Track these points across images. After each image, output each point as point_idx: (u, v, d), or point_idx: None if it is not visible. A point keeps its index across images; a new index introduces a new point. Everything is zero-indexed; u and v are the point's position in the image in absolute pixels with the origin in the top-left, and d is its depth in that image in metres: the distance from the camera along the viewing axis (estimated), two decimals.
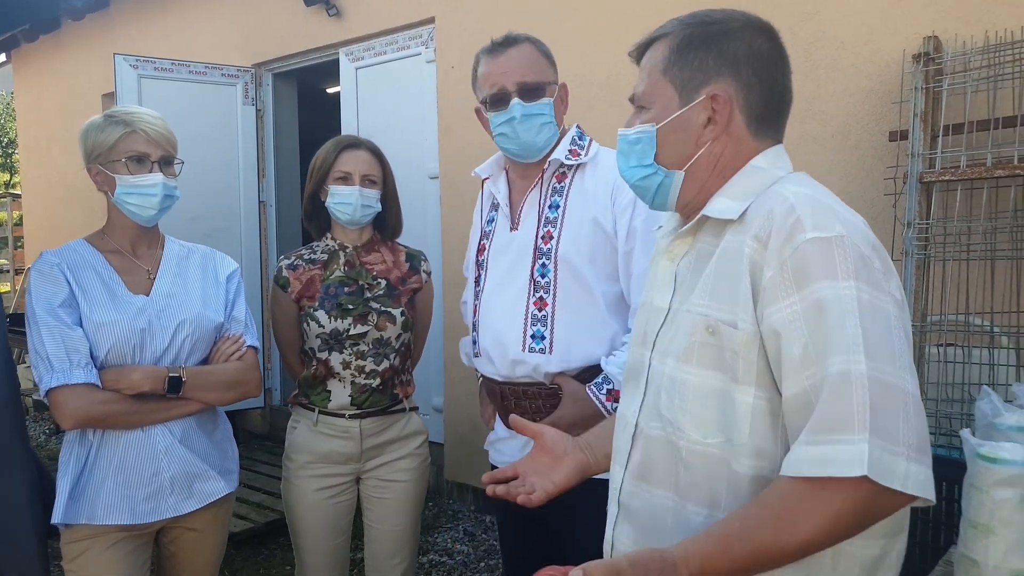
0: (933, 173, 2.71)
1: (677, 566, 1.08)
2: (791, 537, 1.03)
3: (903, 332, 1.07)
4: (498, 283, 2.12)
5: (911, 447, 1.00)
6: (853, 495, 1.00)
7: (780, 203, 1.13)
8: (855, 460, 0.98)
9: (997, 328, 2.65)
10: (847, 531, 1.04)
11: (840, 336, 1.03)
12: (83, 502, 1.97)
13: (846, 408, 1.00)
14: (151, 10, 6.50)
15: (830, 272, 1.06)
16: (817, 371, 1.04)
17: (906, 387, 1.03)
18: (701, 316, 1.19)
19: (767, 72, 1.25)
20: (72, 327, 1.93)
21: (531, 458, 1.50)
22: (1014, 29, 2.69)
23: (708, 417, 1.18)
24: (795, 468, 1.04)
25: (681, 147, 1.26)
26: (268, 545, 4.10)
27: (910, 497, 1.00)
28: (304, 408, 2.46)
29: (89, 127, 2.06)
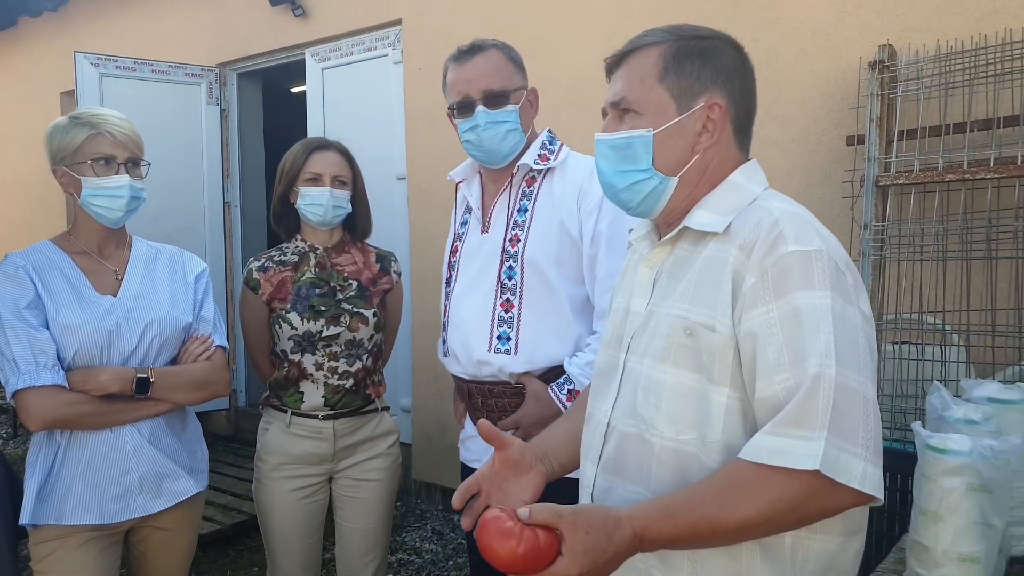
0: (888, 177, 2.80)
1: (621, 522, 1.12)
2: (730, 514, 1.10)
3: (868, 344, 1.14)
4: (467, 285, 2.15)
5: (869, 450, 1.07)
6: (798, 486, 1.07)
7: (766, 217, 1.19)
8: (809, 455, 1.05)
9: (948, 326, 2.75)
10: (784, 518, 1.10)
11: (814, 342, 1.09)
12: (51, 502, 1.97)
13: (812, 408, 1.07)
14: (112, 8, 6.43)
15: (808, 283, 1.12)
16: (794, 374, 1.10)
17: (868, 394, 1.10)
18: (680, 319, 1.24)
19: (748, 87, 1.32)
20: (38, 329, 1.93)
21: (494, 472, 1.44)
22: (964, 39, 2.79)
23: (682, 415, 1.23)
24: (753, 453, 1.10)
25: (678, 153, 1.30)
26: (235, 547, 4.10)
27: (865, 496, 1.07)
28: (276, 410, 2.47)
29: (54, 129, 2.05)
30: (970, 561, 1.26)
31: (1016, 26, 2.70)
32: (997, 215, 2.66)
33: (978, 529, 1.26)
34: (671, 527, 1.12)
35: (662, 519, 1.13)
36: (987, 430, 1.37)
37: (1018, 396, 1.49)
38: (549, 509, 1.11)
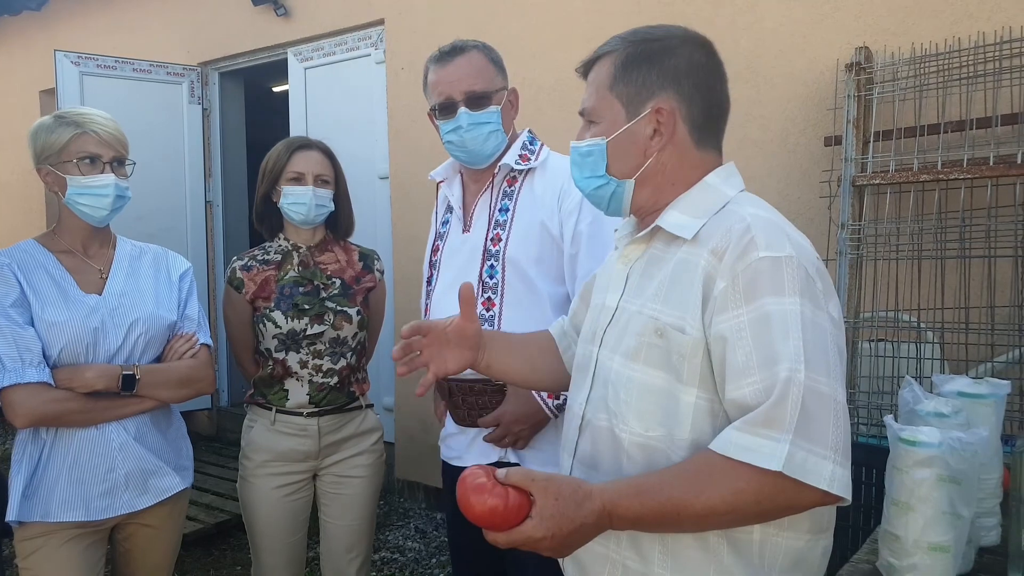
0: (864, 177, 2.85)
1: (592, 494, 1.16)
2: (696, 499, 1.13)
3: (837, 348, 1.17)
4: (449, 283, 2.17)
5: (838, 452, 1.11)
6: (762, 482, 1.10)
7: (738, 222, 1.22)
8: (775, 456, 1.09)
9: (923, 324, 2.80)
10: (747, 511, 1.14)
11: (784, 347, 1.12)
12: (37, 499, 1.98)
13: (781, 410, 1.10)
14: (93, 6, 6.39)
15: (778, 289, 1.15)
16: (762, 377, 1.13)
17: (837, 397, 1.13)
18: (651, 319, 1.27)
19: (705, 84, 1.33)
20: (24, 327, 1.93)
21: (444, 329, 1.54)
22: (938, 42, 2.84)
23: (651, 412, 1.26)
24: (722, 446, 1.14)
25: (630, 158, 1.34)
26: (218, 546, 4.11)
27: (832, 496, 1.11)
28: (261, 407, 2.49)
29: (39, 128, 2.05)
30: (939, 550, 1.29)
31: (988, 29, 2.76)
32: (970, 215, 2.72)
33: (947, 519, 1.30)
34: (639, 505, 1.16)
35: (631, 497, 1.16)
36: (956, 423, 1.40)
37: (987, 390, 1.53)
38: (524, 472, 1.17)
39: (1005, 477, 1.51)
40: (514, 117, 2.17)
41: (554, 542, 1.14)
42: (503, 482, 1.16)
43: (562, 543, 1.15)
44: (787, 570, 1.25)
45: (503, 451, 2.06)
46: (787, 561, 1.24)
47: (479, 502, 1.14)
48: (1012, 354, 2.64)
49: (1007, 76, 2.70)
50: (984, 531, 1.53)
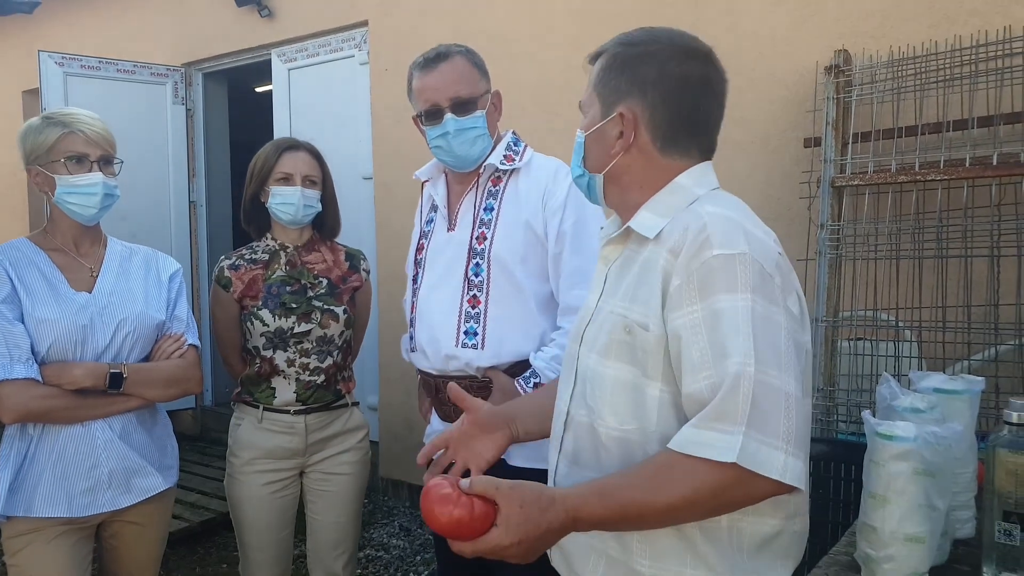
0: (843, 178, 2.90)
1: (555, 501, 1.19)
2: (656, 498, 1.17)
3: (793, 342, 1.20)
4: (435, 281, 2.20)
5: (790, 442, 1.14)
6: (719, 475, 1.14)
7: (695, 220, 1.25)
8: (729, 448, 1.12)
9: (901, 323, 2.85)
10: (707, 504, 1.18)
11: (734, 342, 1.16)
12: (22, 494, 1.99)
13: (732, 404, 1.14)
14: (77, 6, 6.37)
15: (730, 286, 1.18)
16: (715, 372, 1.17)
17: (789, 390, 1.16)
18: (620, 317, 1.32)
19: (675, 95, 1.35)
20: (13, 323, 1.95)
21: (461, 431, 1.57)
22: (915, 45, 2.89)
23: (623, 407, 1.31)
24: (679, 444, 1.17)
25: (600, 155, 1.40)
26: (203, 544, 4.12)
27: (786, 486, 1.14)
28: (248, 405, 2.50)
29: (27, 129, 2.07)
30: (915, 541, 1.32)
31: (964, 33, 2.81)
32: (947, 215, 2.77)
33: (923, 511, 1.33)
34: (602, 509, 1.19)
35: (594, 500, 1.20)
36: (932, 418, 1.43)
37: (962, 386, 1.57)
38: (487, 481, 1.18)
39: (980, 471, 1.55)
40: (498, 119, 2.20)
41: (520, 548, 1.16)
42: (467, 492, 1.16)
43: (528, 549, 1.17)
44: (756, 552, 1.29)
45: None
46: (754, 543, 1.29)
47: (444, 513, 1.13)
48: (988, 352, 2.69)
49: (983, 79, 2.75)
50: (959, 524, 1.56)
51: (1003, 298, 2.70)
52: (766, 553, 1.30)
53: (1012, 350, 2.66)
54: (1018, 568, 1.31)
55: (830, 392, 2.87)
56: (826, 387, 2.86)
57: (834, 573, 1.43)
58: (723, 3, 3.41)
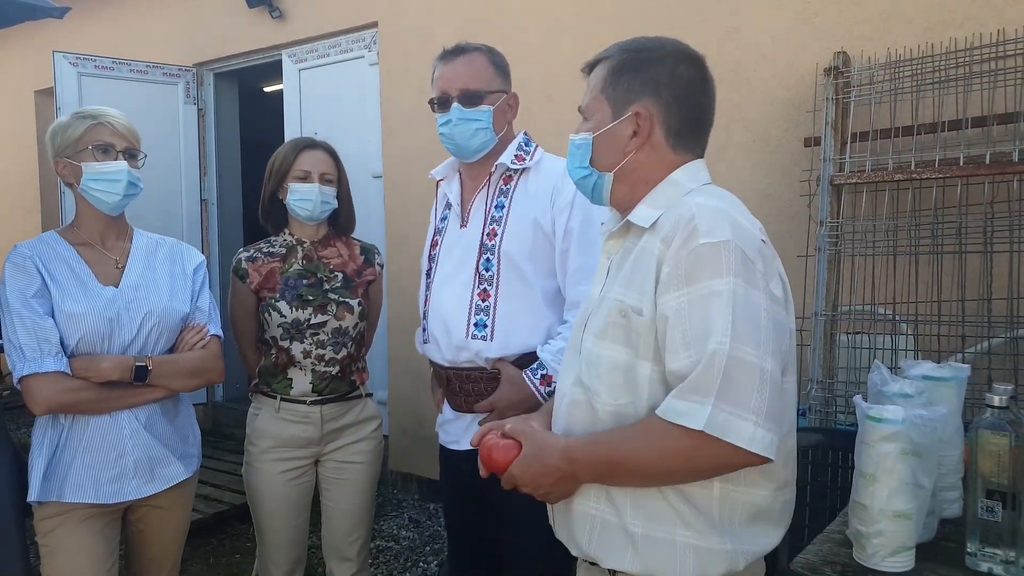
0: (842, 176, 2.98)
1: (559, 442, 1.46)
2: (637, 453, 1.34)
3: (773, 324, 1.31)
4: (447, 275, 2.28)
5: (760, 415, 1.26)
6: (690, 441, 1.28)
7: (685, 211, 1.36)
8: (698, 416, 1.25)
9: (898, 317, 2.93)
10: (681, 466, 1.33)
11: (716, 323, 1.27)
12: (54, 481, 2.07)
13: (706, 378, 1.26)
14: (89, 8, 6.45)
15: (715, 271, 1.29)
16: (696, 351, 1.28)
17: (765, 367, 1.27)
18: (617, 302, 1.43)
19: (685, 95, 1.47)
20: (43, 317, 2.03)
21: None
22: (912, 47, 2.97)
23: (617, 384, 1.42)
24: (662, 411, 1.31)
25: (611, 154, 1.50)
26: (217, 535, 4.20)
27: (756, 456, 1.26)
28: (265, 396, 2.59)
29: (57, 127, 2.16)
30: (903, 517, 1.40)
31: (960, 36, 2.89)
32: (942, 212, 2.85)
33: (910, 489, 1.41)
34: (593, 454, 1.40)
35: (588, 447, 1.41)
36: (920, 402, 1.52)
37: (949, 374, 1.65)
38: (523, 426, 1.54)
39: (966, 454, 1.63)
40: (511, 120, 2.27)
41: (526, 477, 1.45)
42: (505, 434, 1.51)
43: (533, 479, 1.45)
44: (747, 522, 1.40)
45: None
46: (746, 513, 1.40)
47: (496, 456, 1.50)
48: (981, 345, 2.77)
49: (977, 81, 2.83)
50: (947, 504, 1.64)
51: (996, 292, 2.78)
52: (759, 521, 1.41)
53: (1004, 343, 2.74)
54: (1000, 543, 1.39)
55: (829, 384, 2.95)
56: (825, 379, 2.94)
57: (827, 549, 1.51)
58: (726, 6, 3.48)
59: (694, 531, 1.37)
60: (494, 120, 2.20)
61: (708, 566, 1.37)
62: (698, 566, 1.37)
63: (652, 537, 1.39)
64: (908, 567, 1.40)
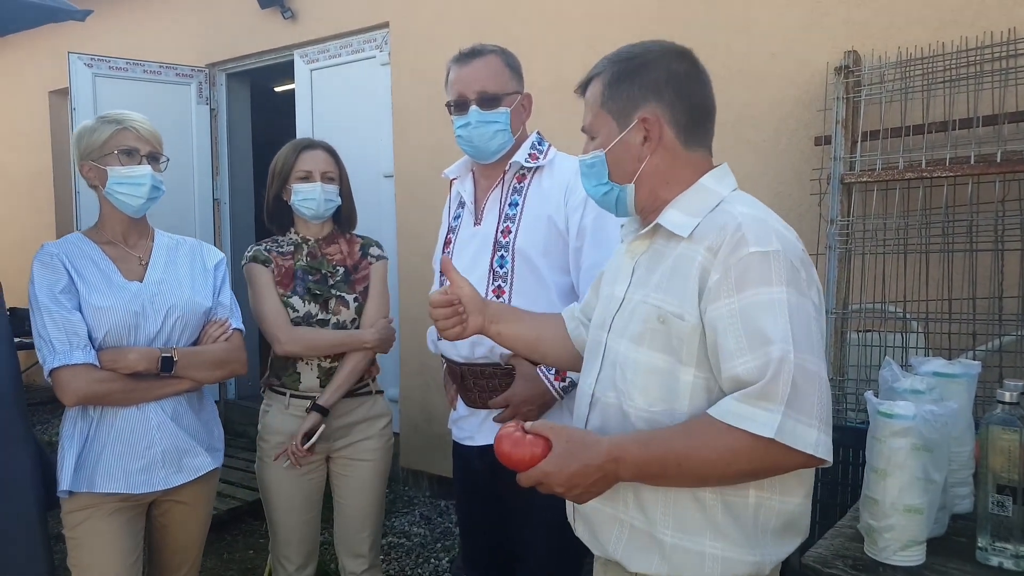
0: (853, 175, 2.99)
1: (601, 441, 1.36)
2: (695, 452, 1.31)
3: (819, 331, 1.34)
4: (462, 272, 2.30)
5: (822, 421, 1.28)
6: (756, 446, 1.27)
7: (731, 220, 1.37)
8: (768, 424, 1.25)
9: (908, 315, 2.94)
10: (740, 468, 1.31)
11: (774, 330, 1.28)
12: (85, 472, 2.12)
13: (775, 386, 1.26)
14: (103, 9, 6.48)
15: (766, 280, 1.30)
16: (754, 356, 1.28)
17: (822, 374, 1.30)
18: (655, 308, 1.43)
19: (685, 90, 1.48)
20: (72, 311, 2.08)
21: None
22: (923, 46, 2.98)
23: (653, 390, 1.42)
24: (721, 413, 1.30)
25: (627, 164, 1.50)
26: (230, 531, 4.24)
27: (816, 459, 1.28)
28: (275, 392, 2.63)
29: (82, 130, 2.22)
30: (914, 512, 1.42)
31: (971, 34, 2.89)
32: (953, 211, 2.86)
33: (921, 484, 1.42)
34: (643, 452, 1.34)
35: (637, 445, 1.35)
36: (931, 399, 1.53)
37: (959, 370, 1.66)
38: (545, 423, 1.40)
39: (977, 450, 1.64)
40: (525, 120, 2.30)
41: (561, 477, 1.34)
42: (529, 431, 1.38)
43: (569, 479, 1.34)
44: (779, 531, 1.41)
45: None
46: (780, 523, 1.41)
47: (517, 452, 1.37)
48: (992, 343, 2.77)
49: (988, 79, 2.83)
50: (958, 499, 1.66)
51: (1007, 291, 2.78)
52: (789, 531, 1.43)
53: (1015, 340, 2.74)
54: (1010, 537, 1.40)
55: (839, 381, 2.96)
56: (836, 377, 2.95)
57: (839, 543, 1.52)
58: (736, 5, 3.49)
59: (725, 542, 1.38)
60: (511, 121, 2.22)
61: (733, 571, 1.39)
62: (724, 570, 1.39)
63: (681, 547, 1.40)
64: (919, 561, 1.41)
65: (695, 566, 1.39)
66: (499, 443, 1.39)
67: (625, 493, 1.46)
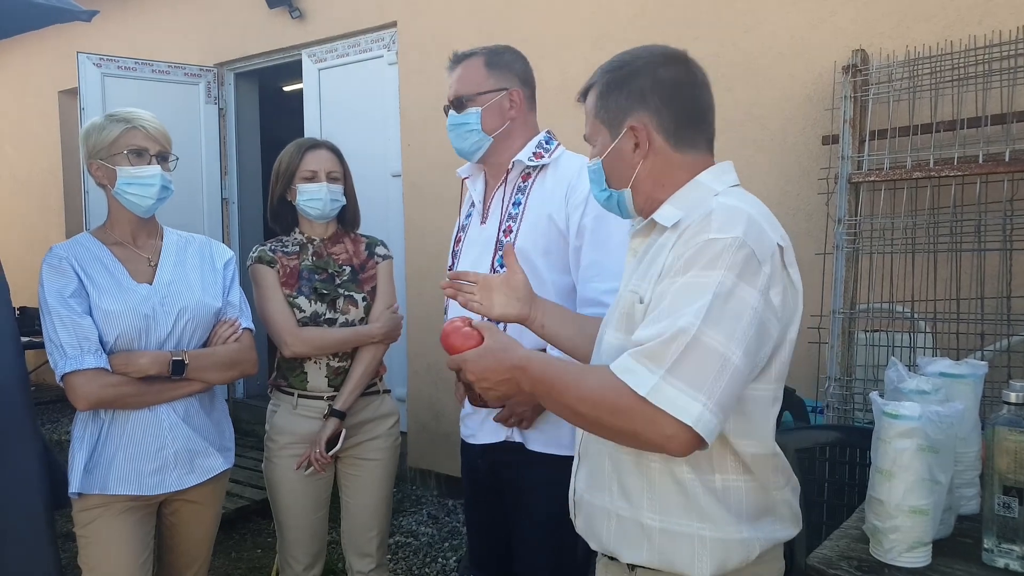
0: (860, 174, 2.98)
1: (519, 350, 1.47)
2: (575, 386, 1.36)
3: (757, 325, 1.31)
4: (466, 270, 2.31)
5: (712, 400, 1.25)
6: (630, 400, 1.27)
7: (706, 210, 1.39)
8: (644, 383, 1.26)
9: (916, 314, 2.93)
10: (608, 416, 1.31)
11: (691, 306, 1.28)
12: (97, 473, 2.13)
13: (664, 349, 1.26)
14: (111, 8, 6.52)
15: (712, 264, 1.30)
16: (665, 326, 1.29)
17: (731, 358, 1.27)
18: (632, 293, 1.47)
19: (672, 95, 1.49)
20: (82, 316, 2.08)
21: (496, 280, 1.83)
22: (931, 45, 2.97)
23: None
24: (614, 364, 1.32)
25: (621, 171, 1.53)
26: (238, 530, 4.26)
27: (695, 436, 1.24)
28: (283, 392, 2.64)
29: (91, 128, 2.20)
30: (919, 513, 1.41)
31: (979, 33, 2.88)
32: (961, 210, 2.85)
33: (926, 485, 1.42)
34: (542, 370, 1.41)
35: (541, 364, 1.43)
36: (936, 399, 1.53)
37: (966, 371, 1.66)
38: (490, 324, 1.57)
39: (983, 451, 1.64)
40: (513, 116, 2.26)
41: (476, 367, 1.47)
42: (471, 327, 1.54)
43: (482, 371, 1.47)
44: (754, 515, 1.42)
45: (510, 430, 2.19)
46: (753, 506, 1.42)
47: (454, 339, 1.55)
48: (1001, 343, 2.77)
49: (996, 78, 2.82)
50: (964, 500, 1.65)
51: (1015, 291, 2.77)
52: (766, 515, 1.44)
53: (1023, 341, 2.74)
54: (1016, 538, 1.40)
55: (847, 382, 2.95)
56: (843, 377, 2.94)
57: (844, 544, 1.52)
58: (743, 4, 3.49)
59: (710, 522, 1.39)
60: (483, 120, 2.22)
61: (725, 557, 1.39)
62: (715, 557, 1.39)
63: (668, 531, 1.41)
64: (925, 562, 1.41)
65: (685, 554, 1.40)
66: (444, 332, 1.56)
67: (610, 481, 1.49)
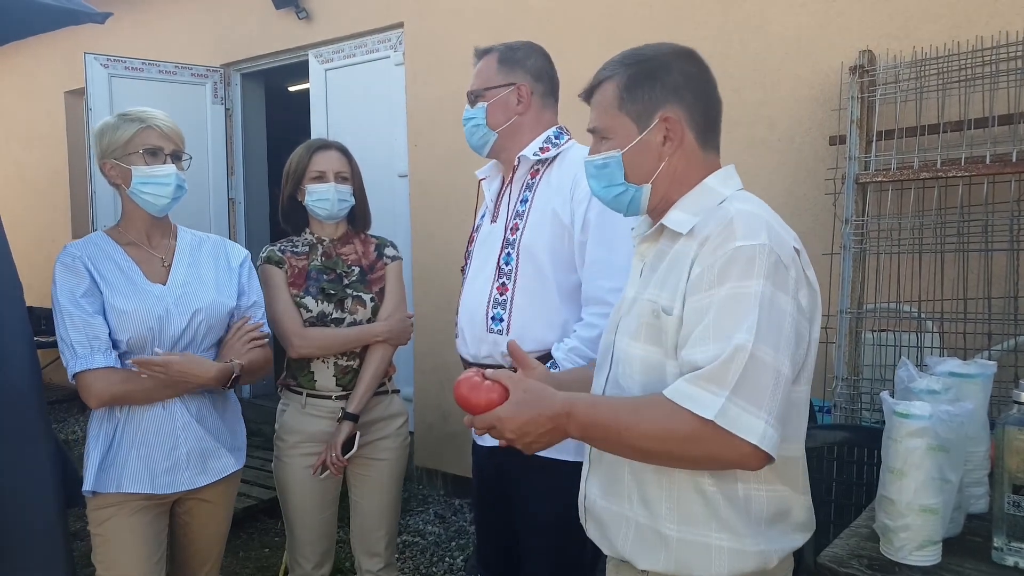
0: (867, 175, 2.99)
1: (557, 395, 1.40)
2: (636, 424, 1.33)
3: (795, 330, 1.33)
4: (475, 270, 2.31)
5: (772, 415, 1.27)
6: (695, 426, 1.27)
7: (724, 216, 1.38)
8: (710, 406, 1.26)
9: (924, 314, 2.93)
10: (678, 447, 1.31)
11: (742, 322, 1.28)
12: (111, 472, 2.14)
13: (725, 371, 1.26)
14: (118, 9, 6.52)
15: (746, 273, 1.30)
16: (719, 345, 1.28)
17: (782, 370, 1.29)
18: (650, 303, 1.45)
19: (701, 91, 1.50)
20: (93, 315, 2.09)
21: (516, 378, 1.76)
22: (938, 45, 2.97)
23: (651, 384, 1.43)
24: (671, 391, 1.31)
25: (646, 165, 1.51)
26: (245, 529, 4.27)
27: (761, 453, 1.26)
28: (292, 392, 2.65)
29: (104, 127, 2.20)
30: (929, 512, 1.42)
31: (986, 34, 2.88)
32: (968, 210, 2.85)
33: (936, 484, 1.43)
34: (592, 414, 1.38)
35: (587, 406, 1.40)
36: (947, 399, 1.54)
37: (975, 370, 1.67)
38: (506, 372, 1.46)
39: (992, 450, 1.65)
40: (520, 112, 2.26)
41: (514, 423, 1.39)
42: (488, 378, 1.44)
43: (521, 427, 1.39)
44: (772, 521, 1.42)
45: None
46: (771, 511, 1.42)
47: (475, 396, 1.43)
48: (1008, 343, 2.77)
49: (1004, 78, 2.83)
50: (973, 499, 1.66)
51: (1022, 290, 2.78)
52: (781, 521, 1.44)
53: None
54: None
55: (855, 381, 2.96)
56: (851, 376, 2.95)
57: (854, 543, 1.53)
58: (751, 5, 3.49)
59: (729, 532, 1.39)
60: (488, 115, 2.24)
61: (742, 565, 1.40)
62: (732, 564, 1.39)
63: (686, 540, 1.41)
64: (934, 561, 1.41)
65: (702, 561, 1.40)
66: (458, 387, 1.44)
67: (629, 490, 1.48)
